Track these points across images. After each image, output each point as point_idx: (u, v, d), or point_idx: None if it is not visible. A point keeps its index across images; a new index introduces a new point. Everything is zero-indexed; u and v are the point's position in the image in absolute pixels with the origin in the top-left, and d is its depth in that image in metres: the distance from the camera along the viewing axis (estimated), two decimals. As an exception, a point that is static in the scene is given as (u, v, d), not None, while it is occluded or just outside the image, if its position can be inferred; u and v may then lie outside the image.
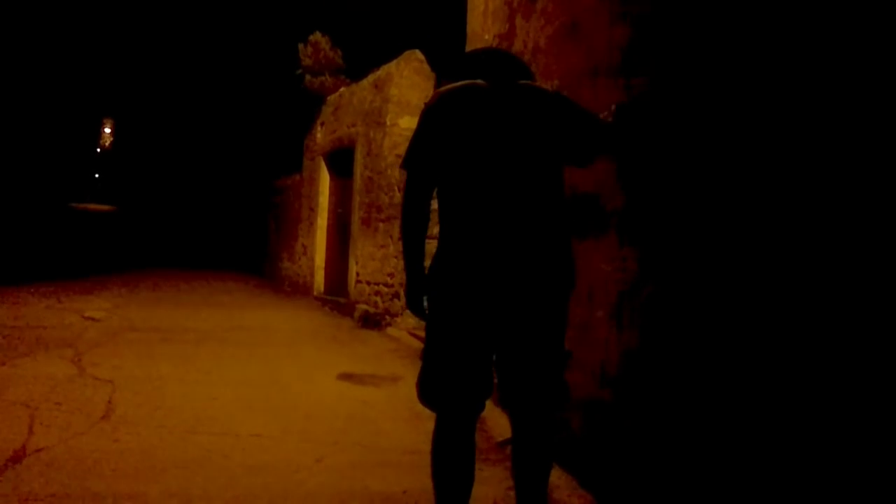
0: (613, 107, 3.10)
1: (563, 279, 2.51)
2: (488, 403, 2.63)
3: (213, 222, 20.37)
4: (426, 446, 2.64)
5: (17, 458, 3.49)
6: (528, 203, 2.45)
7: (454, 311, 2.45)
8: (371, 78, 10.36)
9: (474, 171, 2.47)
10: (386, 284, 9.19)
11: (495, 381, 2.53)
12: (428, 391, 2.52)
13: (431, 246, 2.58)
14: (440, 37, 9.68)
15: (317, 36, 12.54)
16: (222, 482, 3.34)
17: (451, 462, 2.49)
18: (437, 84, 9.76)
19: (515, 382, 2.53)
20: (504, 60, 2.72)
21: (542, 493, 2.58)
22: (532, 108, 2.55)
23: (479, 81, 2.58)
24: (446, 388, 2.47)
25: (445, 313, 2.48)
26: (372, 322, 9.02)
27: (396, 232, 8.93)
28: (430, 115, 2.54)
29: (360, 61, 11.52)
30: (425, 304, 2.60)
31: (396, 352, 7.20)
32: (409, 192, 2.56)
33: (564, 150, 2.61)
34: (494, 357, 2.55)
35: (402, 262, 8.71)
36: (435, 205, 2.61)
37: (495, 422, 4.20)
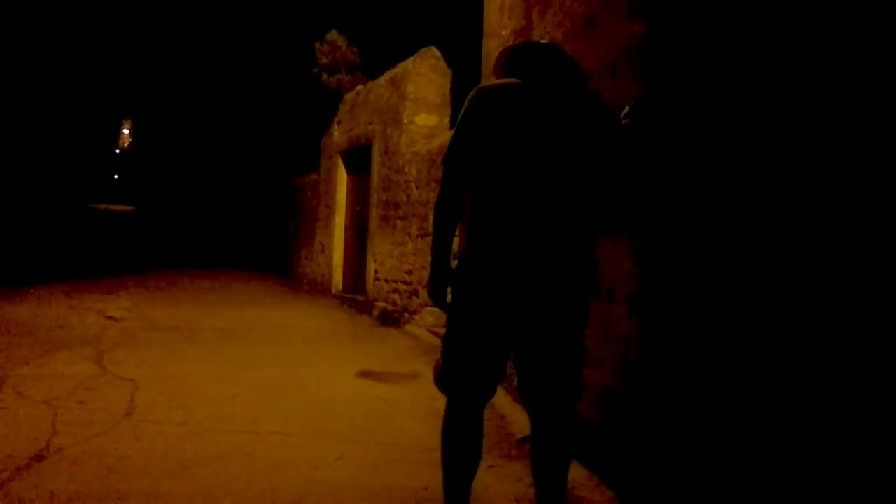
0: (627, 107, 3.08)
1: (587, 283, 2.56)
2: (508, 401, 2.67)
3: (231, 221, 20.43)
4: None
5: (40, 456, 3.52)
6: (559, 208, 2.49)
7: (478, 305, 2.50)
8: (388, 75, 10.36)
9: (510, 172, 2.49)
10: (404, 282, 9.18)
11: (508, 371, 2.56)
12: (444, 377, 2.61)
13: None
14: (456, 34, 9.67)
15: (333, 34, 12.55)
16: (244, 480, 3.35)
17: (460, 443, 2.58)
18: (453, 81, 9.76)
19: (536, 379, 2.58)
20: (557, 57, 2.71)
21: (561, 488, 2.63)
22: (572, 113, 2.55)
23: (518, 81, 2.58)
24: (462, 376, 2.56)
25: (469, 306, 2.53)
26: (391, 320, 9.02)
27: (414, 230, 8.93)
28: (471, 113, 2.56)
29: (377, 59, 11.53)
30: (448, 296, 2.65)
31: (415, 349, 7.19)
32: (446, 188, 2.60)
33: (599, 158, 2.61)
34: (513, 352, 2.61)
35: (420, 260, 8.76)
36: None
37: (515, 418, 4.18)
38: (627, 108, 3.06)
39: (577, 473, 3.44)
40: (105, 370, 5.46)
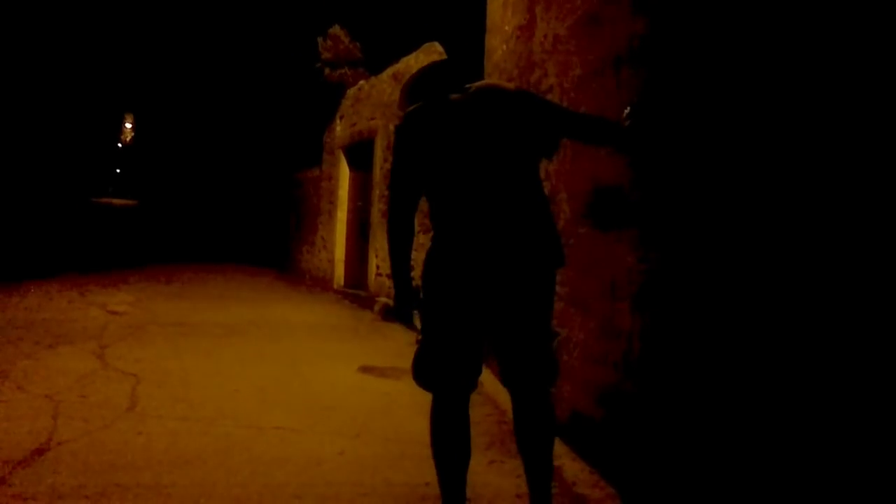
0: (628, 109, 3.09)
1: (549, 257, 2.68)
2: (510, 398, 2.71)
3: (233, 216, 20.42)
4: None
5: (43, 450, 3.53)
6: (504, 195, 2.63)
7: (447, 301, 2.65)
8: (390, 70, 10.34)
9: (452, 177, 2.66)
10: (406, 277, 9.17)
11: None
12: (422, 373, 2.74)
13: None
14: (459, 29, 9.65)
15: (336, 29, 12.52)
16: (245, 474, 3.35)
17: (448, 437, 2.67)
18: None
19: (510, 361, 2.71)
20: (457, 69, 2.92)
21: (547, 465, 2.72)
22: (493, 109, 2.71)
23: (440, 96, 2.75)
24: (440, 370, 2.68)
25: (439, 303, 2.67)
26: (392, 315, 9.03)
27: (416, 226, 8.90)
28: (402, 137, 2.77)
29: (380, 54, 11.49)
30: (414, 314, 2.82)
31: (417, 345, 7.18)
32: (393, 209, 2.79)
33: (530, 142, 2.76)
34: (490, 341, 2.75)
35: (421, 256, 8.72)
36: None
37: (517, 415, 4.18)
38: (628, 109, 3.06)
39: (578, 470, 3.45)
40: (107, 364, 5.47)
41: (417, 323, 2.86)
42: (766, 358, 2.26)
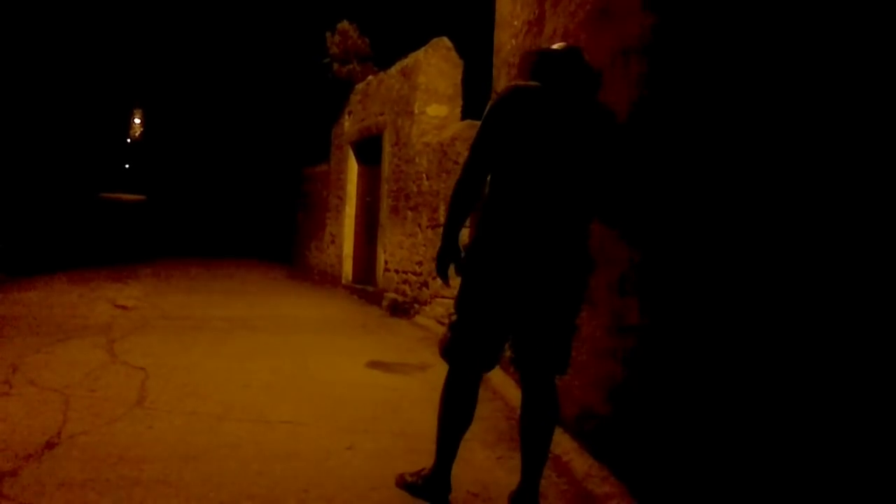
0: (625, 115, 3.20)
1: (583, 265, 2.89)
2: (520, 393, 2.83)
3: (241, 211, 20.45)
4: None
5: (53, 443, 3.54)
6: (564, 204, 2.79)
7: (487, 285, 2.82)
8: (399, 66, 10.32)
9: (527, 168, 2.77)
10: (414, 273, 9.18)
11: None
12: (451, 349, 2.95)
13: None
14: (468, 24, 9.63)
15: (344, 24, 12.51)
16: (255, 469, 3.36)
17: (457, 406, 2.96)
18: (465, 72, 9.71)
19: (533, 351, 2.92)
20: (579, 66, 2.94)
21: (544, 451, 2.96)
22: (592, 129, 2.84)
23: (552, 87, 2.83)
24: (467, 349, 2.91)
25: (479, 286, 2.85)
26: (400, 310, 9.02)
27: (425, 220, 8.91)
28: (502, 108, 2.80)
29: (388, 49, 11.48)
30: (451, 272, 2.98)
31: (425, 340, 7.19)
32: (468, 173, 2.85)
33: (602, 168, 2.91)
34: (515, 328, 2.94)
35: (430, 251, 8.75)
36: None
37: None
38: (626, 115, 3.19)
39: (588, 466, 3.44)
40: (116, 358, 5.49)
41: (452, 283, 3.08)
42: (773, 350, 2.25)
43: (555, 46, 3.02)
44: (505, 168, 2.81)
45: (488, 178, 2.89)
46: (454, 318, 2.96)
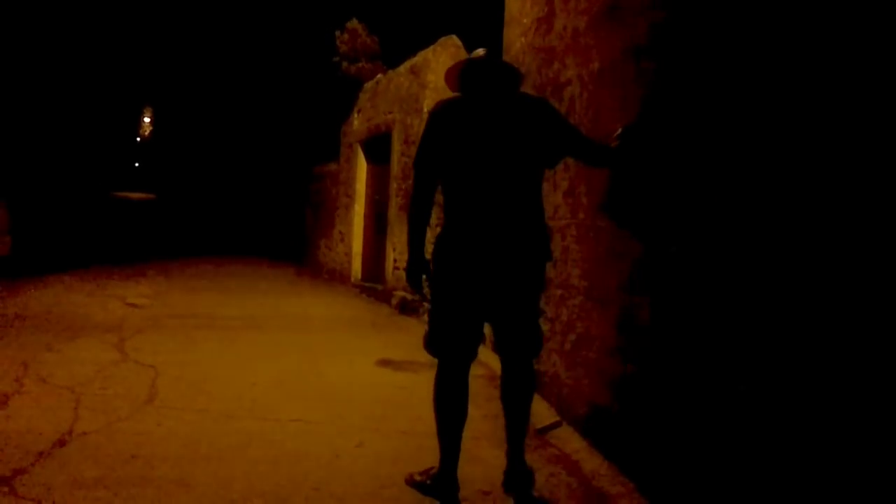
0: (620, 129, 3.27)
1: (541, 252, 3.08)
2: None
3: (250, 210, 20.46)
4: (465, 432, 3.17)
5: (64, 441, 3.56)
6: (511, 195, 3.02)
7: (453, 280, 3.05)
8: (407, 64, 10.31)
9: (470, 170, 3.03)
10: (423, 271, 9.15)
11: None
12: (431, 342, 3.16)
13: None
14: (477, 22, 9.61)
15: (353, 23, 12.51)
16: (264, 467, 3.36)
17: (449, 397, 3.10)
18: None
19: (504, 334, 3.16)
20: (498, 66, 3.18)
21: (525, 418, 3.21)
22: (516, 116, 3.08)
23: (474, 94, 3.12)
24: (445, 339, 3.11)
25: (446, 281, 3.07)
26: (409, 309, 9.02)
27: (433, 219, 8.89)
28: (434, 123, 3.12)
29: (397, 47, 11.48)
30: (424, 282, 3.22)
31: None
32: (417, 187, 3.14)
33: (540, 152, 3.14)
34: (488, 316, 3.16)
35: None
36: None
37: (535, 409, 4.17)
38: (620, 129, 3.26)
39: (596, 464, 3.44)
40: (126, 356, 5.51)
41: (425, 291, 3.33)
42: (783, 348, 2.24)
43: (474, 54, 3.20)
44: (449, 174, 3.08)
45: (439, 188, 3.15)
46: (429, 312, 3.20)
